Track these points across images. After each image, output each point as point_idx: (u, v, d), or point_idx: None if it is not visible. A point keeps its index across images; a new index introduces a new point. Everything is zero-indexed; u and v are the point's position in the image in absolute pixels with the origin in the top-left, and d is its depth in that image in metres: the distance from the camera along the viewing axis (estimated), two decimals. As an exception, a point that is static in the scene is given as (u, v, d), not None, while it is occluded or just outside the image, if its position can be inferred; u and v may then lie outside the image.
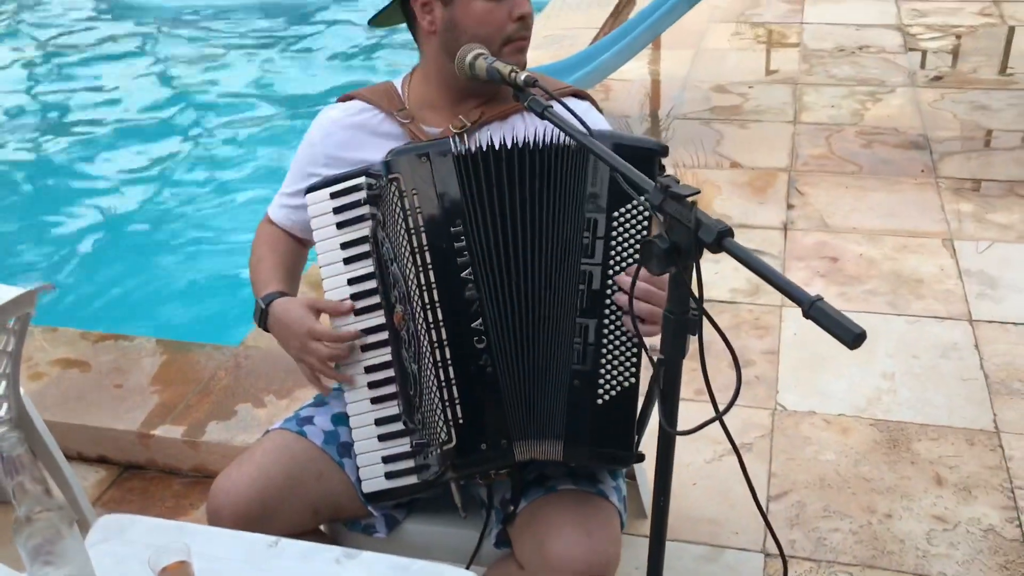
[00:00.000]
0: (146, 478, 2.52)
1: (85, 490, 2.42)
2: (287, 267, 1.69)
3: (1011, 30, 5.45)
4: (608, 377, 1.40)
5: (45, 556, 1.07)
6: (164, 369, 2.74)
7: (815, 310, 0.98)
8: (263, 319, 1.59)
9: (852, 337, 0.95)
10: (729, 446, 2.52)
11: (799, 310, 0.99)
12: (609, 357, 1.40)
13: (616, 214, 1.39)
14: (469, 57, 1.45)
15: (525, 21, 1.50)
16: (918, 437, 2.47)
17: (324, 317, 1.54)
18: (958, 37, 5.41)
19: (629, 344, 1.39)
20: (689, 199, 1.10)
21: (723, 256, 1.11)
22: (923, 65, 5.02)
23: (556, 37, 5.47)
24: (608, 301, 1.39)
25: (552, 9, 6.05)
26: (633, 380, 1.40)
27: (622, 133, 1.48)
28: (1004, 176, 3.78)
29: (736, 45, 5.48)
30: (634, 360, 1.40)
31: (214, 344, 2.86)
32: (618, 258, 1.39)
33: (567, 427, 1.41)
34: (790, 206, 3.65)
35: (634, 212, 1.38)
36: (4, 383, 1.95)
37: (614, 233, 1.39)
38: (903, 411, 2.56)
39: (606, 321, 1.39)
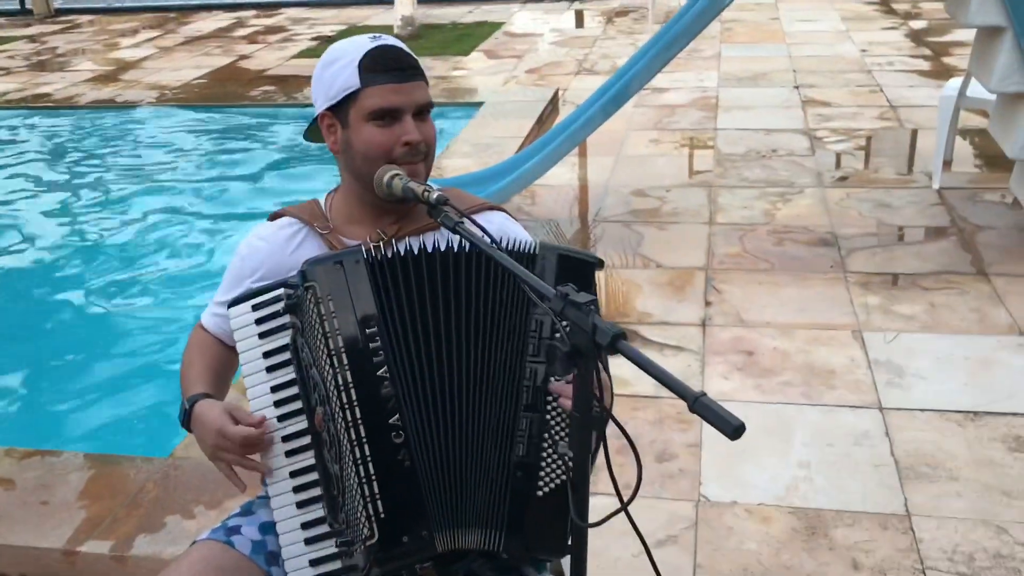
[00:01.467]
0: (71, 597, 2.48)
1: (7, 612, 2.38)
2: (215, 371, 1.75)
3: (914, 133, 5.82)
4: (548, 470, 1.47)
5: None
6: (92, 483, 2.72)
7: (699, 405, 1.07)
8: (186, 419, 1.64)
9: (731, 429, 1.05)
10: (657, 538, 2.58)
11: (722, 403, 1.08)
12: (550, 451, 1.47)
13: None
14: (386, 177, 1.55)
15: (412, 147, 1.59)
16: (835, 523, 2.56)
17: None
18: (867, 139, 5.75)
19: (557, 440, 1.47)
20: (585, 305, 1.19)
21: (644, 351, 1.20)
22: (835, 166, 5.31)
23: (484, 145, 5.67)
24: (550, 397, 1.47)
25: (480, 119, 6.28)
26: (568, 475, 1.48)
27: (566, 246, 1.59)
28: (907, 269, 4.00)
29: (654, 151, 5.74)
30: (567, 455, 1.47)
31: (143, 456, 2.85)
32: None
33: (508, 517, 1.47)
34: (707, 303, 3.80)
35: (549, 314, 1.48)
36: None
37: (559, 334, 1.48)
38: (819, 498, 2.66)
39: (547, 417, 1.47)
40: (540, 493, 1.48)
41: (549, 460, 1.48)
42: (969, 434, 2.90)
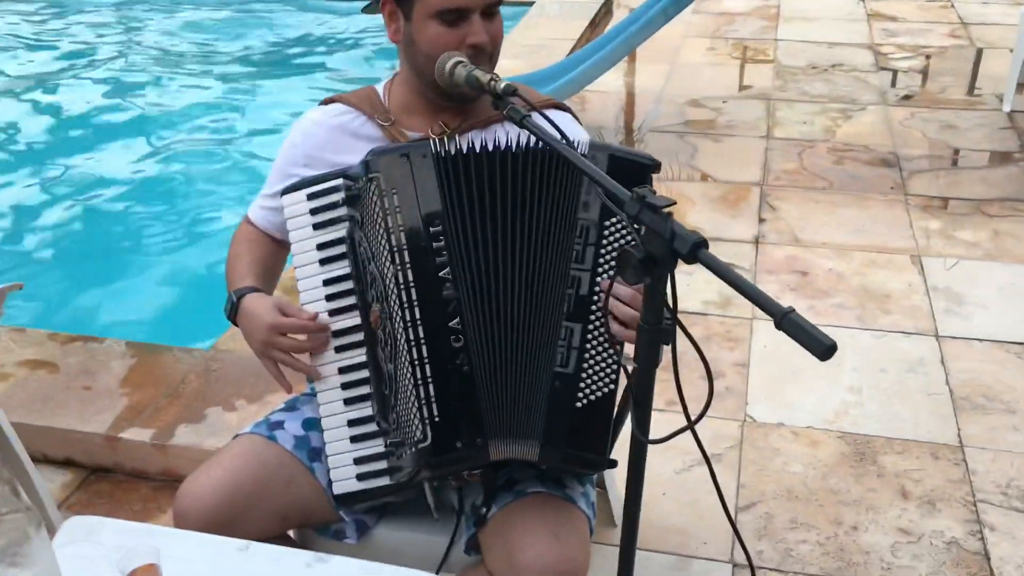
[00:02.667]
0: (113, 482, 2.50)
1: (51, 493, 2.40)
2: (264, 266, 1.69)
3: (979, 52, 5.55)
4: (589, 381, 1.41)
5: (11, 557, 1.06)
6: (134, 372, 2.72)
7: (787, 322, 1.00)
8: (233, 312, 1.59)
9: (823, 349, 0.97)
10: (699, 457, 2.54)
11: (770, 323, 1.00)
12: (592, 362, 1.41)
13: (608, 223, 1.40)
14: (449, 64, 1.45)
15: (479, 49, 1.49)
16: (884, 451, 2.50)
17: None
18: (928, 57, 5.50)
19: (612, 350, 1.41)
20: (665, 210, 1.11)
21: (696, 268, 1.13)
22: (894, 84, 5.09)
23: (534, 47, 5.49)
24: (594, 307, 1.40)
25: (530, 19, 6.08)
26: (612, 386, 1.42)
27: (618, 146, 1.49)
28: (971, 195, 3.85)
29: (711, 60, 5.53)
30: (615, 367, 1.41)
31: (185, 347, 2.84)
32: (607, 265, 1.41)
33: (545, 428, 1.42)
34: (762, 220, 3.69)
35: (623, 220, 1.39)
36: (-30, 383, 1.93)
37: (604, 241, 1.41)
38: (870, 424, 2.59)
39: (591, 327, 1.41)
40: (579, 404, 1.42)
41: (590, 371, 1.42)
42: (1029, 367, 2.81)
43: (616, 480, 2.32)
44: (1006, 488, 2.36)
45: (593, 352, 1.41)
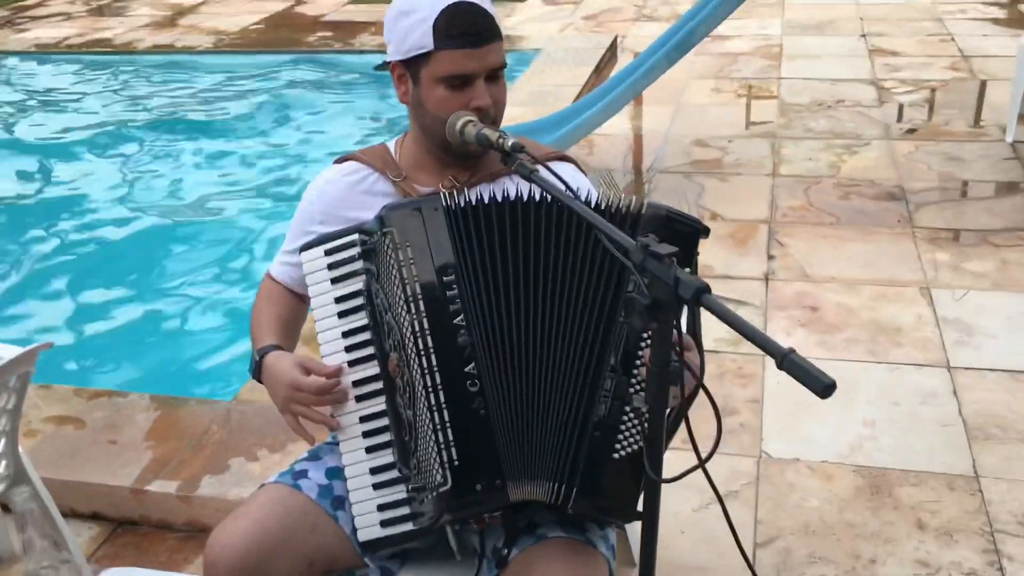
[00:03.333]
0: (139, 534, 2.54)
1: (79, 546, 2.44)
2: (285, 321, 1.75)
3: (983, 84, 5.62)
4: (628, 433, 1.45)
5: (53, 608, 1.11)
6: (158, 424, 2.78)
7: (788, 362, 1.04)
8: (257, 371, 1.64)
9: (822, 387, 1.01)
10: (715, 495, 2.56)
11: None
12: (632, 415, 1.45)
13: None
14: (459, 124, 1.52)
15: (483, 112, 1.56)
16: (900, 483, 2.52)
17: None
18: (931, 91, 5.57)
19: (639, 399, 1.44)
20: (668, 258, 1.16)
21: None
22: (899, 119, 5.16)
23: (540, 94, 5.60)
24: (639, 361, 1.44)
25: (536, 66, 6.20)
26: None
27: (675, 209, 1.52)
28: (977, 225, 3.89)
29: (715, 100, 5.62)
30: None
31: (207, 399, 2.89)
32: None
33: (582, 476, 1.46)
34: (771, 257, 3.73)
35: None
36: (4, 440, 1.99)
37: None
38: (884, 457, 2.62)
39: (633, 380, 1.44)
40: (616, 456, 1.46)
41: (629, 423, 1.46)
42: (1042, 396, 2.83)
43: (636, 523, 2.34)
44: (1023, 517, 2.37)
45: (635, 406, 1.45)
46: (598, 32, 7.20)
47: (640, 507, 1.47)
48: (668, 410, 1.25)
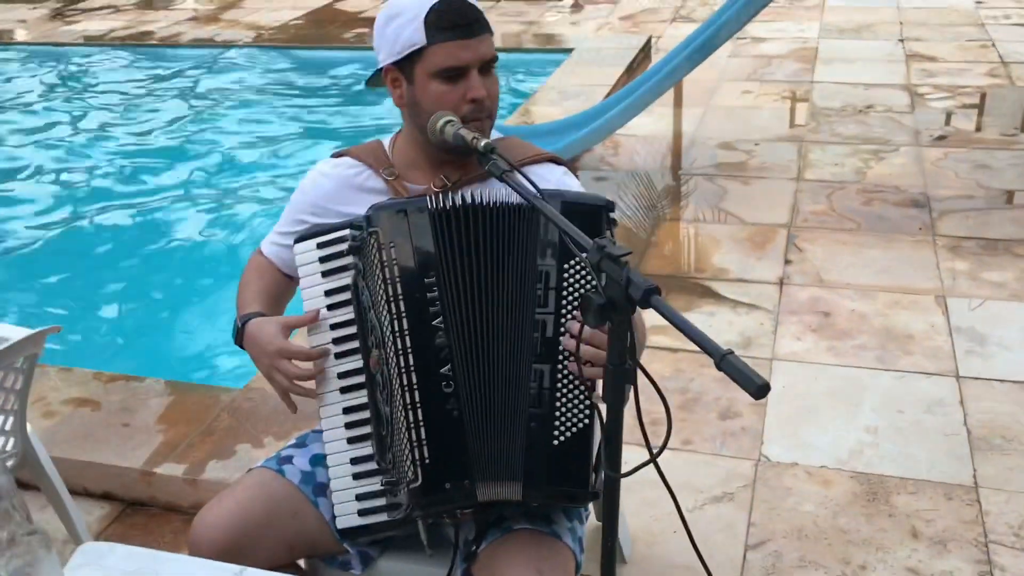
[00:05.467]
0: (148, 514, 2.62)
1: (90, 525, 2.53)
2: (271, 294, 1.80)
3: (1016, 91, 5.53)
4: (563, 419, 1.49)
5: (25, 576, 1.17)
6: (170, 409, 2.86)
7: (725, 363, 1.07)
8: (239, 337, 1.69)
9: (755, 388, 1.04)
10: (710, 496, 2.59)
11: (787, 363, 1.08)
12: (563, 400, 1.49)
13: (566, 266, 1.49)
14: (440, 123, 1.56)
15: (479, 104, 1.59)
16: (897, 490, 2.51)
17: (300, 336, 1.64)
18: (966, 97, 5.50)
19: (582, 388, 1.48)
20: (622, 259, 1.19)
21: (717, 308, 1.19)
22: (923, 125, 5.10)
23: (571, 93, 5.62)
24: (560, 347, 1.48)
25: (567, 66, 6.22)
26: (587, 422, 1.49)
27: (573, 191, 1.58)
28: (1001, 235, 3.84)
29: (747, 103, 5.60)
30: (587, 403, 1.49)
31: (219, 386, 2.97)
32: (569, 307, 1.49)
33: (524, 467, 1.50)
34: (788, 261, 3.73)
35: (583, 264, 1.48)
36: (13, 419, 2.07)
37: (565, 284, 1.49)
38: (884, 464, 2.61)
39: (559, 366, 1.49)
40: (556, 442, 1.50)
41: (564, 409, 1.49)
42: (1050, 408, 2.80)
43: (626, 517, 2.37)
44: (1018, 529, 2.36)
45: (564, 391, 1.48)
46: (634, 32, 7.20)
47: (595, 490, 1.51)
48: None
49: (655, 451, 1.24)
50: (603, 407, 1.31)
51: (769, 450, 2.69)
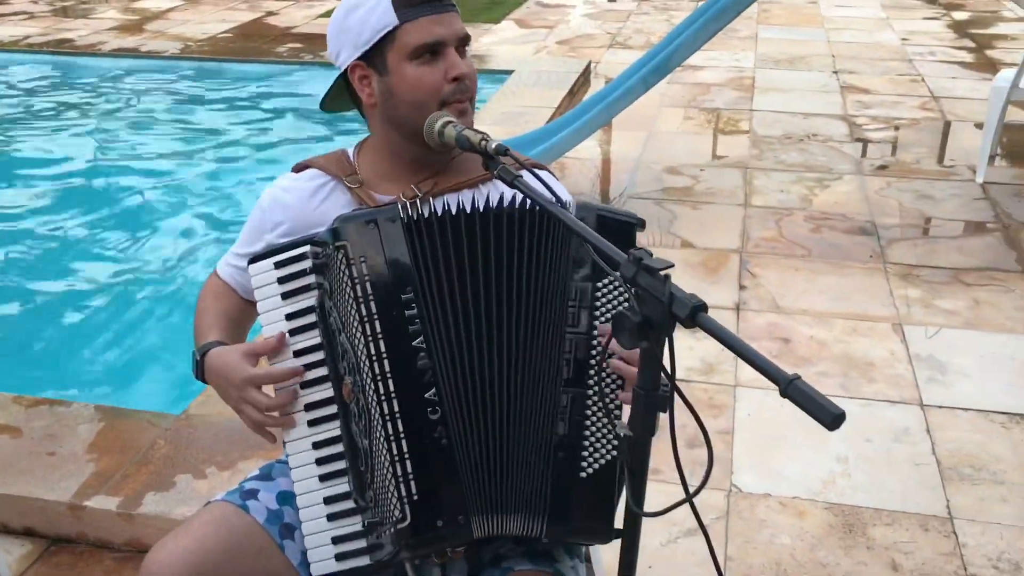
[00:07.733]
0: (75, 553, 2.39)
1: (10, 565, 2.30)
2: (231, 319, 1.62)
3: (947, 124, 5.65)
4: (592, 450, 1.37)
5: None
6: (101, 437, 2.63)
7: (792, 389, 0.96)
8: (199, 370, 1.52)
9: (831, 418, 0.93)
10: (685, 529, 2.48)
11: (751, 390, 0.97)
12: (593, 429, 1.36)
13: (600, 284, 1.36)
14: (438, 125, 1.42)
15: (461, 82, 1.46)
16: (873, 522, 2.45)
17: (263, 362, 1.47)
18: (897, 128, 5.59)
19: (609, 416, 1.36)
20: (662, 272, 1.07)
21: (675, 333, 1.08)
22: (863, 154, 5.16)
23: (513, 114, 5.53)
24: (592, 372, 1.35)
25: (509, 87, 6.14)
26: (616, 453, 1.36)
27: (605, 205, 1.46)
28: (948, 264, 3.87)
29: (688, 129, 5.59)
30: (615, 431, 1.36)
31: (155, 412, 2.75)
32: (598, 324, 1.37)
33: (551, 501, 1.36)
34: (742, 287, 3.68)
35: (618, 282, 1.36)
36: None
37: (598, 303, 1.36)
38: (857, 495, 2.54)
39: (590, 392, 1.36)
40: (584, 474, 1.36)
41: (593, 439, 1.37)
42: (1015, 437, 2.78)
43: (602, 553, 2.24)
44: (997, 561, 2.31)
45: (594, 419, 1.36)
46: (571, 57, 7.17)
47: (620, 531, 1.39)
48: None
49: (692, 490, 1.12)
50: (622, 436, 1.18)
51: (740, 480, 2.60)
